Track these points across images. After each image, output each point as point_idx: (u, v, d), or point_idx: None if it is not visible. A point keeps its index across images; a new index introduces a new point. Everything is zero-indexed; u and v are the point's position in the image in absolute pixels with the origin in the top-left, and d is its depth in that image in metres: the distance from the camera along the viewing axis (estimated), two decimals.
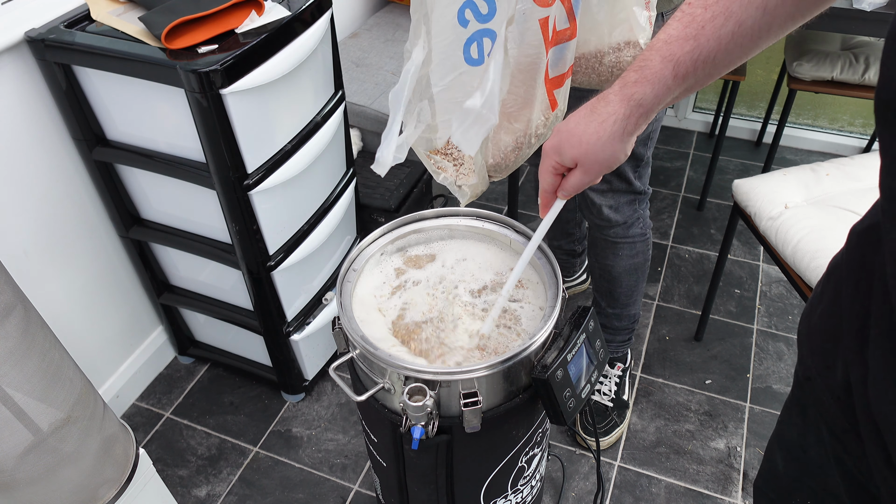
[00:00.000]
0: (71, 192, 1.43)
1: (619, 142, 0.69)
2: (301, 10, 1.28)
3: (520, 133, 0.93)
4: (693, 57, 0.61)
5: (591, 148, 0.70)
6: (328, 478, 1.58)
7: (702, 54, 0.61)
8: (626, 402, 1.68)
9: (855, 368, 0.55)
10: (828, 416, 0.63)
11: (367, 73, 2.03)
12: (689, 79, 0.63)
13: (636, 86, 0.65)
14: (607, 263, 1.50)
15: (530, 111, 0.91)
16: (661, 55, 0.63)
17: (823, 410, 0.64)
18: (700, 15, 0.60)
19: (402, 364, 0.78)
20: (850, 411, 0.57)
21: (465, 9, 0.82)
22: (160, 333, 1.81)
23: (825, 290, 0.63)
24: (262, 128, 1.28)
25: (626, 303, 1.56)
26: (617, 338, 1.64)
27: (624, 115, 0.67)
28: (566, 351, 0.82)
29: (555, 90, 0.91)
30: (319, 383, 1.79)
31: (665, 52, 0.63)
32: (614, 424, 1.64)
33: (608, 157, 0.70)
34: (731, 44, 0.60)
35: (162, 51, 1.16)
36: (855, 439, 0.59)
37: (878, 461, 0.54)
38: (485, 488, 0.94)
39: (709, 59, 0.61)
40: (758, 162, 2.61)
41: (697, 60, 0.61)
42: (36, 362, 0.87)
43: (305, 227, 1.52)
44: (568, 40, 0.88)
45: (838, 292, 0.60)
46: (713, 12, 0.59)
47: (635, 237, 1.45)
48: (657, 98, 0.65)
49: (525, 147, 0.94)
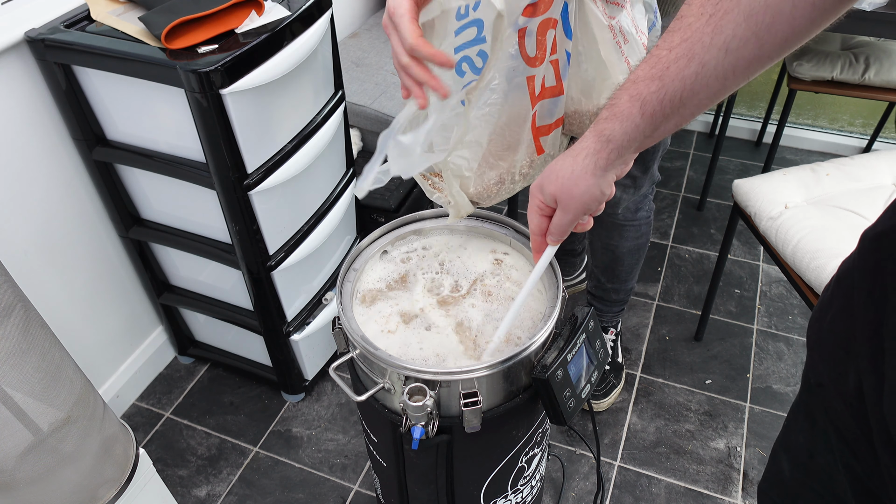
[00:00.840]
0: (71, 192, 1.43)
1: (592, 176, 0.70)
2: (301, 10, 1.28)
3: (503, 170, 0.98)
4: (659, 97, 0.62)
5: (566, 183, 0.71)
6: (328, 478, 1.58)
7: (667, 94, 0.62)
8: (620, 364, 1.77)
9: (868, 377, 0.55)
10: (839, 422, 0.63)
11: (367, 73, 2.03)
12: (659, 118, 0.64)
13: (606, 122, 0.67)
14: (612, 243, 1.55)
15: (514, 154, 0.96)
16: (629, 94, 0.65)
17: (834, 417, 0.64)
18: (665, 56, 0.61)
19: (402, 364, 0.78)
20: (863, 419, 0.57)
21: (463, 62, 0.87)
22: (160, 333, 1.81)
23: (835, 294, 0.63)
24: (262, 128, 1.28)
25: (625, 279, 1.63)
26: (612, 309, 1.71)
27: (594, 149, 0.69)
28: (566, 351, 0.82)
29: (541, 137, 0.96)
30: (319, 383, 1.79)
31: (633, 92, 0.64)
32: (612, 386, 1.71)
33: (583, 193, 0.71)
34: (695, 84, 0.60)
35: (162, 51, 1.16)
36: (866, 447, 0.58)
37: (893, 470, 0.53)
38: (485, 488, 0.94)
39: (675, 99, 0.62)
40: (758, 162, 2.61)
41: (664, 100, 0.62)
42: (36, 362, 0.87)
43: (305, 227, 1.52)
44: (556, 96, 0.93)
45: (850, 298, 0.59)
46: (677, 54, 0.60)
47: (641, 220, 1.51)
48: (626, 135, 0.66)
49: (508, 182, 0.99)
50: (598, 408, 1.69)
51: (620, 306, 1.72)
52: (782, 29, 0.55)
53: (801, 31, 0.55)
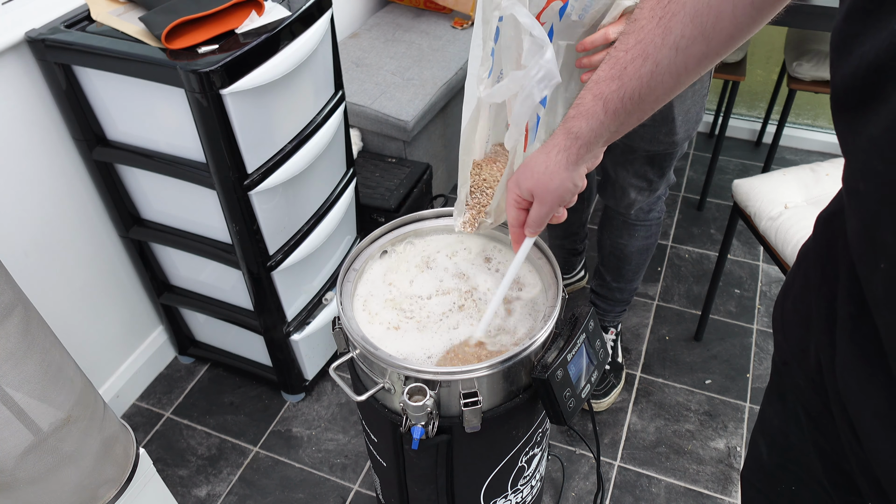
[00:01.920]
0: (71, 192, 1.43)
1: (564, 170, 0.75)
2: (301, 11, 1.28)
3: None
4: (619, 95, 0.68)
5: (541, 178, 0.76)
6: (328, 478, 1.58)
7: (626, 92, 0.67)
8: (620, 364, 1.78)
9: (825, 350, 0.58)
10: (804, 398, 0.66)
11: (367, 73, 2.03)
12: (621, 114, 0.69)
13: (574, 120, 0.72)
14: (621, 242, 1.56)
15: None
16: (592, 94, 0.70)
17: (800, 393, 0.67)
18: (622, 57, 0.67)
19: (402, 364, 0.78)
20: (824, 392, 0.60)
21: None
22: (160, 333, 1.81)
23: (796, 276, 0.67)
24: (262, 128, 1.29)
25: (631, 279, 1.64)
26: (615, 308, 1.72)
27: (564, 146, 0.74)
28: (566, 351, 0.82)
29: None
30: (319, 383, 1.79)
31: (595, 91, 0.70)
32: (612, 386, 1.72)
33: (558, 187, 0.76)
34: (651, 82, 0.66)
35: (162, 51, 1.16)
36: (829, 419, 0.61)
37: (848, 435, 0.56)
38: (485, 488, 0.94)
39: (634, 96, 0.67)
40: (758, 162, 2.61)
41: (624, 98, 0.68)
42: (36, 362, 0.87)
43: (305, 227, 1.52)
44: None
45: (807, 278, 0.63)
46: (632, 55, 0.66)
47: (652, 221, 1.53)
48: (592, 131, 0.71)
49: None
50: (598, 408, 1.69)
51: (623, 306, 1.73)
52: (726, 27, 0.60)
53: (744, 28, 0.60)
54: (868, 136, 0.43)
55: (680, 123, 1.28)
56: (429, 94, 1.96)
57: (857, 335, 0.52)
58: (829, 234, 0.60)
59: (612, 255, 1.61)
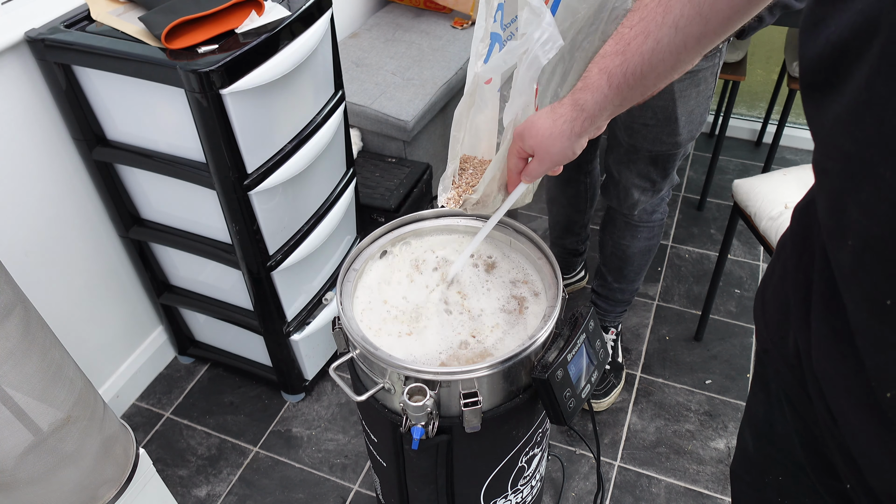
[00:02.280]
0: (71, 192, 1.43)
1: (567, 139, 0.78)
2: (301, 10, 1.28)
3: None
4: (623, 70, 0.71)
5: (544, 141, 0.79)
6: (328, 478, 1.58)
7: (629, 68, 0.71)
8: (620, 364, 1.78)
9: (802, 335, 0.59)
10: (785, 384, 0.67)
11: (367, 73, 2.03)
12: (624, 89, 0.72)
13: (580, 93, 0.76)
14: (623, 243, 1.57)
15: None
16: (598, 67, 0.74)
17: (781, 380, 0.68)
18: (626, 34, 0.71)
19: (402, 364, 0.78)
20: (802, 376, 0.61)
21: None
22: (160, 333, 1.81)
23: (775, 266, 0.69)
24: (262, 128, 1.28)
25: (632, 279, 1.65)
26: (616, 309, 1.72)
27: (571, 117, 0.77)
28: (566, 351, 0.82)
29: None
30: (319, 383, 1.79)
31: (601, 65, 0.73)
32: (612, 386, 1.72)
33: (559, 152, 0.80)
34: (653, 59, 0.69)
35: (162, 51, 1.16)
36: (808, 403, 0.61)
37: (825, 416, 0.57)
38: (485, 488, 0.94)
39: (636, 72, 0.71)
40: (758, 162, 2.61)
41: (627, 73, 0.71)
42: (36, 362, 0.87)
43: (305, 227, 1.52)
44: None
45: (785, 267, 0.64)
46: (636, 32, 0.69)
47: (655, 222, 1.53)
48: (597, 104, 0.75)
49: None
50: (598, 408, 1.69)
51: (624, 307, 1.73)
52: (723, 8, 0.63)
53: (740, 10, 0.63)
54: (833, 115, 0.44)
55: (683, 124, 1.28)
56: (429, 94, 1.96)
57: (830, 316, 0.53)
58: (805, 221, 0.61)
59: (613, 256, 1.61)
